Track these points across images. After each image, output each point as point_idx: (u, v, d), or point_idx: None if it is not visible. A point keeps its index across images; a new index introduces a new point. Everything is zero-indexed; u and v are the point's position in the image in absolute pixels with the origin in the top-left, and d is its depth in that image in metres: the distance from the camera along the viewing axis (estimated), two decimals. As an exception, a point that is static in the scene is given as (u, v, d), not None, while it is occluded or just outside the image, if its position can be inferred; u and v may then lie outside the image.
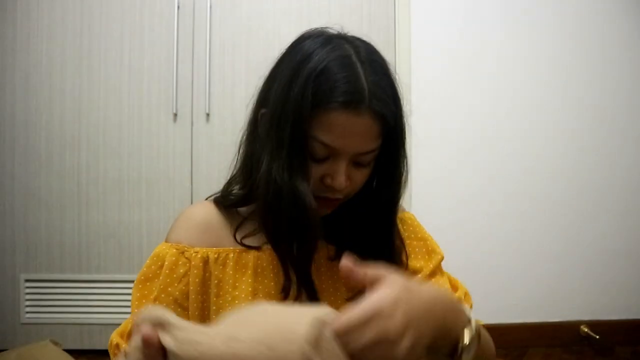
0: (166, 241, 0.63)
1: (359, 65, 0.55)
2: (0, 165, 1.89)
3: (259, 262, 0.62)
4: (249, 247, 0.62)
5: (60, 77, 1.89)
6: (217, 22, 1.89)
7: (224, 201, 0.65)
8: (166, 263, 0.60)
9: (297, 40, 0.60)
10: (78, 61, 1.89)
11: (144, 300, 0.60)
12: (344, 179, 0.56)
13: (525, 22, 1.98)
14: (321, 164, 0.57)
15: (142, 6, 1.89)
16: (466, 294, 0.69)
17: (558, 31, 1.99)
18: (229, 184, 0.67)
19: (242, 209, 0.65)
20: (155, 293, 0.60)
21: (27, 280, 1.88)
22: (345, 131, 0.54)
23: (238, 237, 0.62)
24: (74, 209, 1.88)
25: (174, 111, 1.88)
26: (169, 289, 0.60)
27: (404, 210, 0.73)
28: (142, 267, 0.62)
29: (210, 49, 1.87)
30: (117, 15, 1.89)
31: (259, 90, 0.63)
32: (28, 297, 1.88)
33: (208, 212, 0.65)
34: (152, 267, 0.62)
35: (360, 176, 0.59)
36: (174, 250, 0.61)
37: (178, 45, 1.88)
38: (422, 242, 0.71)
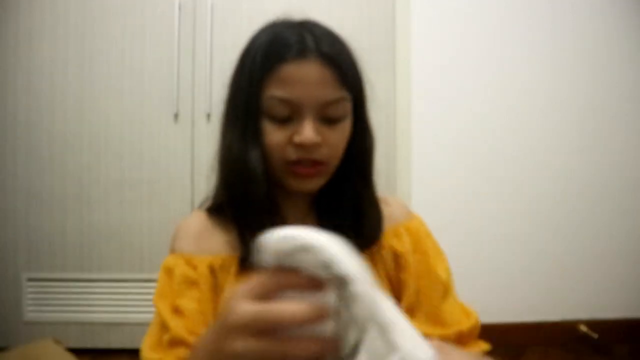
0: (171, 252, 0.65)
1: (303, 28, 0.59)
2: (2, 165, 1.90)
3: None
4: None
5: (61, 77, 1.89)
6: (218, 22, 1.90)
7: (213, 207, 0.66)
8: (177, 272, 0.61)
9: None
10: (79, 61, 1.89)
11: (171, 309, 0.59)
12: (311, 131, 0.55)
13: (525, 22, 1.99)
14: (286, 125, 0.56)
15: (143, 6, 1.89)
16: (476, 321, 0.65)
17: (558, 32, 2.00)
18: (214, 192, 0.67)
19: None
20: (182, 300, 0.59)
21: (29, 279, 1.89)
22: (298, 80, 0.55)
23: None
24: (76, 208, 1.89)
25: (175, 111, 1.89)
26: (189, 293, 0.60)
27: (411, 215, 0.70)
28: (157, 281, 0.63)
29: (211, 49, 1.88)
30: (118, 15, 1.89)
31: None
32: (30, 295, 1.90)
33: (200, 221, 0.66)
34: (166, 279, 0.62)
35: (335, 135, 0.58)
36: (181, 260, 0.62)
37: (179, 46, 1.89)
38: (421, 257, 0.66)
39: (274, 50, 0.56)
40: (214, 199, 0.67)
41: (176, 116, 1.90)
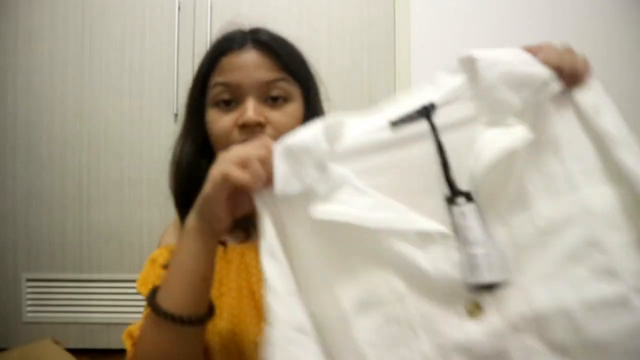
0: (158, 247, 0.69)
1: (250, 29, 0.66)
2: (2, 165, 1.90)
3: (243, 258, 0.64)
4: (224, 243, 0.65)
5: (61, 77, 1.89)
6: (217, 23, 1.90)
7: None
8: (160, 261, 0.65)
9: None
10: (79, 61, 1.89)
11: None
12: (252, 110, 0.58)
13: (525, 22, 1.99)
14: (230, 110, 0.60)
15: (143, 7, 1.89)
16: None
17: (558, 32, 2.00)
18: None
19: None
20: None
21: (28, 280, 1.89)
22: (236, 66, 0.60)
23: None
24: (76, 208, 1.89)
25: (175, 111, 1.89)
26: None
27: None
28: (142, 271, 0.67)
29: (210, 49, 1.88)
30: (118, 15, 1.89)
31: None
32: (30, 296, 1.89)
33: None
34: (149, 268, 0.66)
35: (280, 116, 0.60)
36: (165, 251, 0.66)
37: (179, 46, 1.89)
38: None
39: (217, 47, 0.63)
40: None
41: (176, 116, 1.90)
